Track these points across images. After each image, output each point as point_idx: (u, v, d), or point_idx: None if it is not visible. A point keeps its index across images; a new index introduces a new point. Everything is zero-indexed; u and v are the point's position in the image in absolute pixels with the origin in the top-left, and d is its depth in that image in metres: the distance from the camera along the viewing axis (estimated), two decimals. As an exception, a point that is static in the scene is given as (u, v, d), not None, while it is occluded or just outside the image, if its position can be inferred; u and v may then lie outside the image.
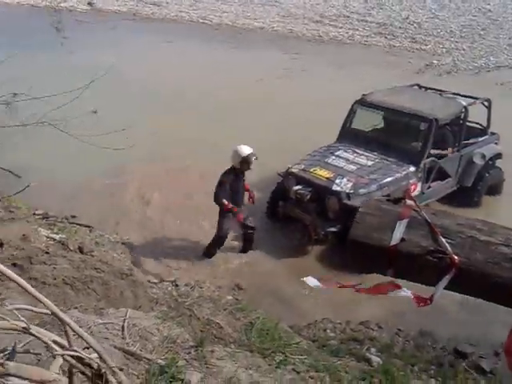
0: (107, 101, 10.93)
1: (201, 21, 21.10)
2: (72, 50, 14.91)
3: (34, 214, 6.92)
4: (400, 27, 20.00)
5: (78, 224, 7.10)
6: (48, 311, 1.89)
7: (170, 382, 3.06)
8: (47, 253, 5.04)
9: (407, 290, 2.64)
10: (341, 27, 20.23)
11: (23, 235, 5.34)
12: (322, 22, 20.87)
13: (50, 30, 13.80)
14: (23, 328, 1.92)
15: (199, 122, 10.83)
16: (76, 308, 3.96)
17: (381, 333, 5.33)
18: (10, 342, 2.77)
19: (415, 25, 20.24)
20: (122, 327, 3.60)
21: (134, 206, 8.09)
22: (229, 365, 3.43)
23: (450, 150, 7.86)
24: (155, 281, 5.92)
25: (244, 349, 3.76)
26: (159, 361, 3.22)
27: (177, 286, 5.92)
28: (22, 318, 2.00)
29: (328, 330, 5.32)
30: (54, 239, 5.91)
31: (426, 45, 18.16)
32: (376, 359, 4.32)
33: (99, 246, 6.60)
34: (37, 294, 1.85)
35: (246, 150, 6.57)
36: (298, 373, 3.48)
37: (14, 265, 4.61)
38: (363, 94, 8.32)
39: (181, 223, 7.59)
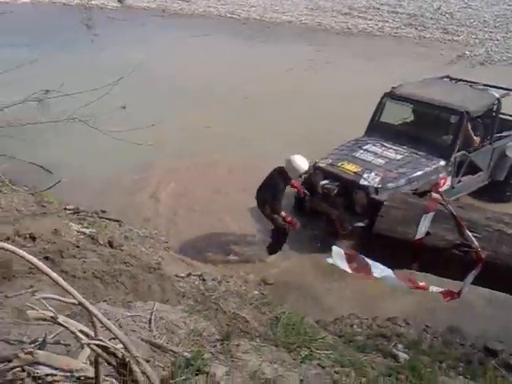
0: (136, 97, 11.04)
1: (229, 15, 21.13)
2: (102, 47, 15.14)
3: (65, 208, 7.06)
4: (431, 18, 19.62)
5: (107, 219, 7.22)
6: (75, 301, 1.94)
7: (196, 374, 3.09)
8: (77, 247, 5.15)
9: (436, 287, 2.60)
10: (370, 19, 19.98)
11: (55, 229, 5.47)
12: (350, 15, 20.66)
13: (80, 28, 14.02)
14: (51, 317, 1.97)
15: (227, 116, 10.87)
16: (105, 301, 4.04)
17: (408, 329, 5.27)
18: (41, 333, 2.87)
19: (447, 15, 19.83)
20: (149, 320, 3.66)
21: (162, 200, 8.18)
22: (254, 358, 3.44)
23: (477, 139, 7.63)
24: (182, 275, 5.96)
25: (269, 343, 3.77)
26: (185, 353, 3.25)
27: (204, 280, 5.95)
28: (50, 308, 2.06)
29: (354, 326, 5.29)
30: (85, 233, 6.04)
31: (459, 35, 17.77)
32: (403, 355, 4.28)
33: (128, 240, 6.70)
34: (65, 284, 1.90)
35: (305, 165, 6.54)
36: (323, 367, 3.47)
37: (46, 258, 4.72)
38: (393, 87, 8.19)
39: (208, 218, 7.63)
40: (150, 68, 12.59)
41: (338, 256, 2.84)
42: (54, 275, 1.90)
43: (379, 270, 2.77)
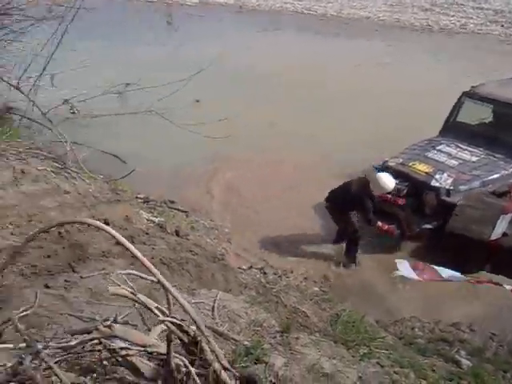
0: (210, 91, 11.31)
1: (305, 12, 21.08)
2: (181, 42, 15.54)
3: (137, 197, 7.37)
4: (519, 14, 18.62)
5: (175, 209, 7.46)
6: (154, 278, 2.05)
7: (255, 363, 3.17)
8: (147, 234, 5.37)
9: (508, 286, 2.51)
10: (453, 15, 19.27)
11: (126, 216, 5.74)
12: (432, 11, 20.01)
13: (161, 24, 14.53)
14: (131, 293, 2.10)
15: (296, 112, 10.86)
16: (173, 286, 4.20)
17: (473, 336, 5.07)
18: (111, 313, 3.05)
19: (537, 11, 18.74)
20: (213, 308, 3.77)
21: (229, 194, 8.33)
22: (313, 352, 3.47)
23: None
24: (244, 267, 6.08)
25: (328, 339, 3.78)
26: (245, 342, 3.33)
27: (265, 273, 6.03)
28: (131, 284, 2.20)
29: (416, 329, 5.16)
30: (154, 222, 6.30)
31: (550, 34, 16.77)
32: (466, 362, 4.13)
33: (194, 230, 6.91)
34: (146, 261, 2.01)
35: (392, 184, 6.46)
36: (382, 367, 3.44)
37: (118, 244, 4.97)
38: (472, 86, 7.89)
39: (273, 213, 7.67)
40: (224, 63, 12.80)
41: (404, 268, 2.81)
42: (136, 252, 2.02)
43: (447, 273, 2.72)
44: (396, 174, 7.01)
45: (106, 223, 5.21)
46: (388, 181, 6.38)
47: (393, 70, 13.58)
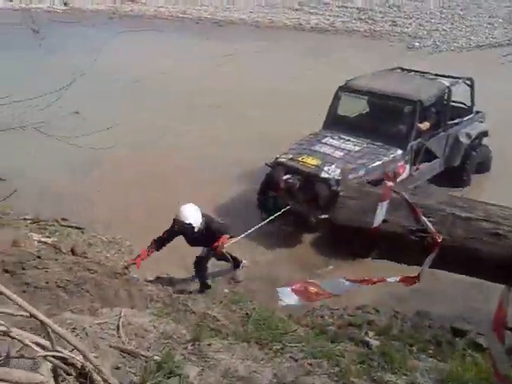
0: (88, 101, 10.84)
1: (180, 15, 20.94)
2: (50, 51, 14.73)
3: (24, 218, 6.87)
4: (380, 11, 19.98)
5: (69, 226, 7.05)
6: (27, 313, 1.87)
7: (168, 377, 3.06)
8: (39, 257, 5.02)
9: (392, 278, 2.65)
10: (321, 14, 20.18)
11: (14, 241, 5.31)
12: (302, 10, 20.80)
13: (27, 33, 13.64)
14: (2, 331, 1.90)
15: (177, 115, 10.81)
16: (70, 310, 3.94)
17: (378, 316, 5.35)
18: (3, 350, 2.76)
19: (395, 8, 20.23)
20: (117, 326, 3.60)
21: (121, 204, 8.00)
22: (226, 357, 3.44)
23: (427, 124, 7.75)
24: (151, 278, 5.90)
25: (241, 340, 3.76)
26: (156, 357, 3.21)
27: (172, 282, 5.90)
28: (1, 321, 1.99)
29: (326, 317, 5.33)
30: (46, 243, 5.89)
31: (407, 28, 18.18)
32: (374, 342, 4.33)
33: (92, 247, 6.57)
34: (14, 296, 1.83)
35: (189, 218, 5.66)
36: (296, 360, 3.49)
37: (6, 271, 4.57)
38: (347, 80, 8.31)
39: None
40: (98, 71, 12.33)
41: (285, 296, 2.83)
42: (5, 290, 1.83)
43: (329, 285, 2.81)
44: (288, 169, 7.21)
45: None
46: (186, 213, 5.63)
47: (269, 70, 13.84)
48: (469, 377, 3.23)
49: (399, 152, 7.41)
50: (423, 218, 2.36)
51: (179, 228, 5.68)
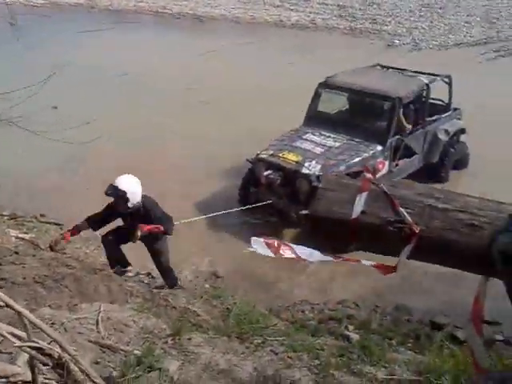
0: (67, 96, 10.72)
1: (160, 10, 20.79)
2: (28, 45, 14.50)
3: (2, 214, 6.78)
4: (360, 9, 20.12)
5: (47, 222, 6.97)
6: (1, 303, 1.84)
7: (148, 371, 3.05)
8: (16, 253, 4.95)
9: (367, 261, 2.68)
10: (302, 11, 20.22)
11: (-10, 236, 5.23)
12: (283, 7, 20.81)
13: (5, 26, 13.39)
14: None
15: (153, 110, 10.74)
16: (48, 306, 3.89)
17: (358, 310, 5.42)
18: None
19: (375, 6, 20.40)
20: (97, 321, 3.57)
21: (102, 200, 7.91)
22: (207, 351, 3.44)
23: (409, 126, 7.90)
24: (131, 274, 5.84)
25: (222, 334, 3.76)
26: (135, 351, 3.20)
27: (153, 277, 5.87)
28: None
29: (306, 311, 5.37)
30: (24, 239, 5.81)
31: (387, 25, 18.33)
32: (354, 336, 4.39)
33: (71, 242, 6.47)
34: None
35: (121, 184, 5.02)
36: (276, 354, 3.51)
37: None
38: (327, 77, 8.35)
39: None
40: (76, 65, 12.25)
41: (258, 244, 2.87)
42: None
43: (304, 251, 2.83)
44: (268, 164, 7.23)
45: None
46: (123, 181, 5.03)
47: (252, 68, 13.83)
48: (446, 368, 3.27)
49: (379, 148, 7.48)
50: (401, 209, 2.39)
51: (111, 194, 4.95)
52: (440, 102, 8.78)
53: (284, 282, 6.13)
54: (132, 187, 4.98)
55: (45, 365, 2.00)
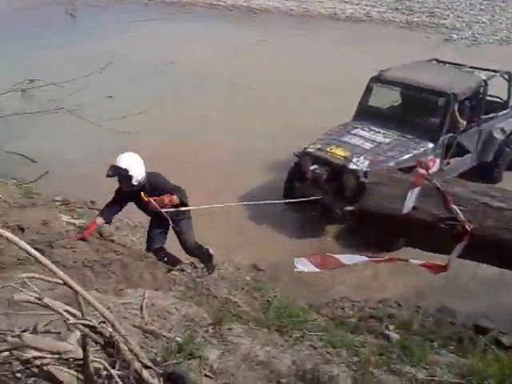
0: (122, 86, 10.95)
1: (214, 3, 20.92)
2: (86, 36, 14.93)
3: (54, 200, 7.02)
4: (418, 1, 19.56)
5: (97, 209, 7.17)
6: (61, 281, 1.92)
7: (189, 359, 3.11)
8: (67, 237, 5.12)
9: (415, 260, 2.62)
10: (357, 4, 19.87)
11: (43, 220, 5.43)
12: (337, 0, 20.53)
13: (65, 17, 13.87)
14: (36, 298, 1.96)
15: (210, 103, 10.84)
16: (96, 289, 4.03)
17: (400, 310, 5.32)
18: (32, 323, 2.86)
19: (433, -2, 19.79)
20: (141, 307, 3.66)
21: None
22: (246, 342, 3.47)
23: (463, 123, 7.65)
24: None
25: (262, 326, 3.79)
26: (177, 338, 3.27)
27: (195, 267, 5.96)
28: (36, 289, 2.05)
29: (346, 309, 5.33)
30: (74, 224, 6.01)
31: (445, 19, 17.77)
32: (395, 336, 4.31)
33: (119, 230, 6.67)
34: (50, 264, 1.88)
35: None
36: (315, 348, 3.50)
37: (36, 249, 4.69)
38: (380, 71, 8.19)
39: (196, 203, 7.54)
40: (132, 56, 12.50)
41: (301, 263, 2.88)
42: (40, 257, 1.88)
43: (348, 258, 2.81)
44: (315, 159, 7.18)
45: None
46: (124, 159, 4.96)
47: (302, 60, 13.73)
48: (491, 372, 3.18)
49: (430, 145, 7.29)
50: (454, 206, 2.34)
51: (112, 174, 4.88)
52: (498, 100, 8.45)
53: (325, 278, 6.09)
54: (133, 164, 4.89)
55: (96, 343, 2.08)
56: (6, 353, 2.04)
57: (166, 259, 5.30)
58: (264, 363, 3.29)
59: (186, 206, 5.15)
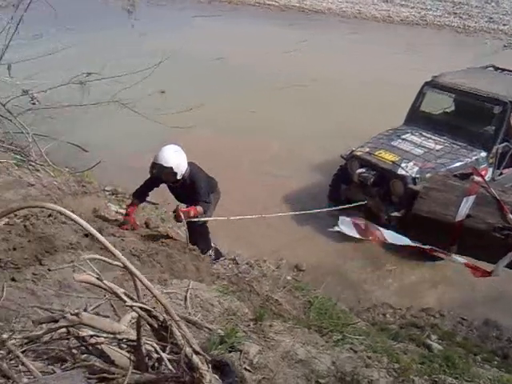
0: (175, 81, 11.16)
1: (267, 2, 20.98)
2: (142, 32, 15.26)
3: (104, 189, 7.23)
4: (477, 6, 19.01)
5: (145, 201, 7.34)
6: (120, 264, 1.99)
7: (229, 351, 3.15)
8: (118, 226, 5.27)
9: (459, 257, 2.57)
10: (412, 7, 19.51)
11: (94, 208, 5.61)
12: (392, 2, 20.19)
13: (122, 13, 14.21)
14: (96, 279, 2.04)
15: (264, 101, 10.88)
16: (142, 277, 4.13)
17: (443, 320, 5.21)
18: (81, 305, 2.97)
19: (493, 3, 19.17)
20: (185, 297, 3.74)
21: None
22: (287, 339, 3.48)
23: None
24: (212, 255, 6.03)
25: (302, 325, 3.80)
26: (219, 331, 3.32)
27: (237, 263, 6.02)
28: (96, 270, 2.13)
29: (387, 315, 5.27)
30: (123, 214, 6.17)
31: (505, 25, 17.20)
32: (437, 346, 4.24)
33: (165, 222, 6.81)
34: (111, 247, 1.94)
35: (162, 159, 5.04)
36: (356, 352, 3.48)
37: (86, 235, 4.85)
38: (433, 76, 8.03)
39: (246, 203, 7.58)
40: (187, 53, 12.65)
41: (344, 224, 2.85)
42: (98, 235, 1.95)
43: (392, 236, 2.77)
44: (363, 162, 7.11)
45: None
46: (166, 155, 5.01)
47: (353, 61, 13.62)
48: (536, 391, 3.09)
49: (483, 154, 7.09)
50: (511, 216, 2.28)
51: (158, 173, 5.02)
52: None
53: (368, 283, 6.03)
54: (176, 160, 4.98)
55: (151, 326, 2.14)
56: (64, 329, 2.13)
57: (210, 253, 5.41)
58: (303, 362, 3.30)
59: (208, 215, 5.31)
